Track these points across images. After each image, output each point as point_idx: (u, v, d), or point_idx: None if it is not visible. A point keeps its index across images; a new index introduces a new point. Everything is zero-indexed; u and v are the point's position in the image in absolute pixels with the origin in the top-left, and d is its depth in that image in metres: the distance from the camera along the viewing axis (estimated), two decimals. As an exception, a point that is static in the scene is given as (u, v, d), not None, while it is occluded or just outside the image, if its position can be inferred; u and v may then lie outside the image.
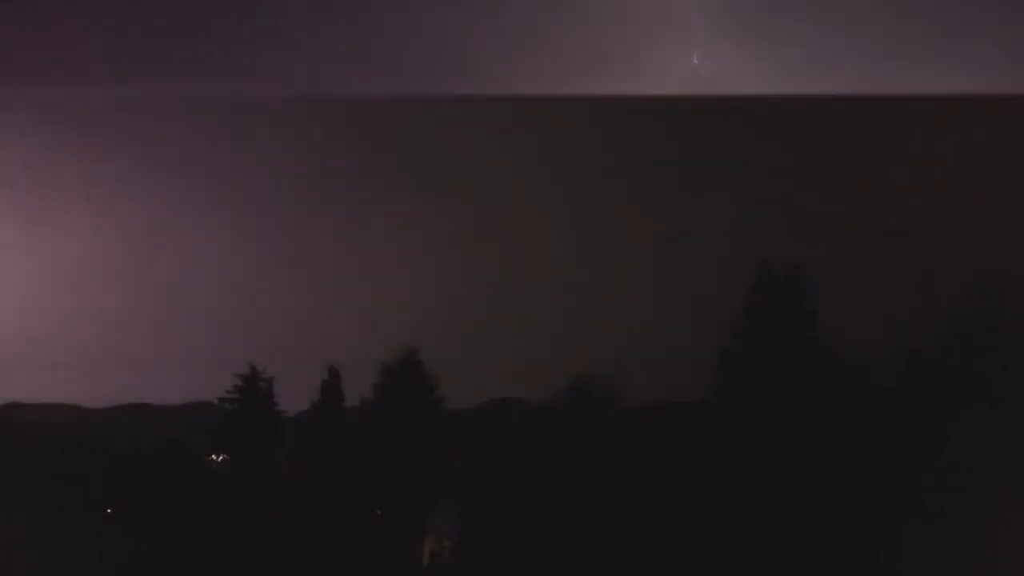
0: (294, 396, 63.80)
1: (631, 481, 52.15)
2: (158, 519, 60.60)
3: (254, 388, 62.61)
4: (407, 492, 58.35)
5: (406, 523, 57.98)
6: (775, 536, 48.01)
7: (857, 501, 47.66)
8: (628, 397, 57.24)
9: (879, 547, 46.39)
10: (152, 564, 58.88)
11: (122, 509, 63.13)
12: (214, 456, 63.63)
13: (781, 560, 47.46)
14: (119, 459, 66.47)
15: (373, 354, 61.65)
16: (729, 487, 49.98)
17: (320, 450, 60.98)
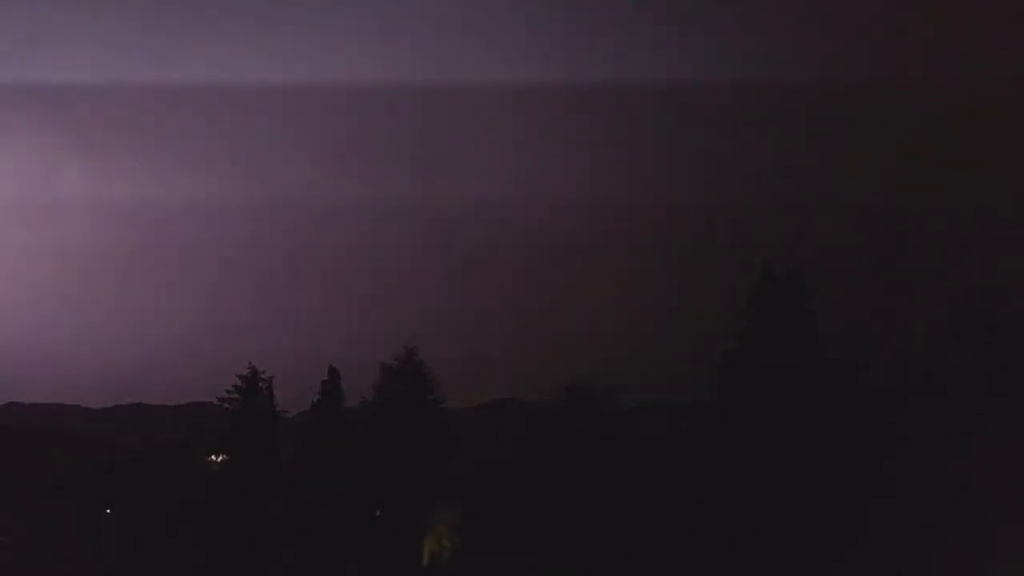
0: (294, 396, 63.87)
1: (631, 481, 52.17)
2: (158, 519, 60.68)
3: (254, 388, 62.59)
4: (407, 492, 58.31)
5: (406, 523, 57.96)
6: (774, 536, 48.04)
7: (856, 501, 47.70)
8: (628, 397, 57.36)
9: (878, 547, 46.43)
10: (152, 564, 58.99)
11: (123, 509, 63.24)
12: (214, 456, 63.62)
13: (780, 559, 47.49)
14: (119, 459, 66.62)
15: (373, 354, 61.72)
16: (728, 487, 49.96)
17: (320, 450, 60.93)
